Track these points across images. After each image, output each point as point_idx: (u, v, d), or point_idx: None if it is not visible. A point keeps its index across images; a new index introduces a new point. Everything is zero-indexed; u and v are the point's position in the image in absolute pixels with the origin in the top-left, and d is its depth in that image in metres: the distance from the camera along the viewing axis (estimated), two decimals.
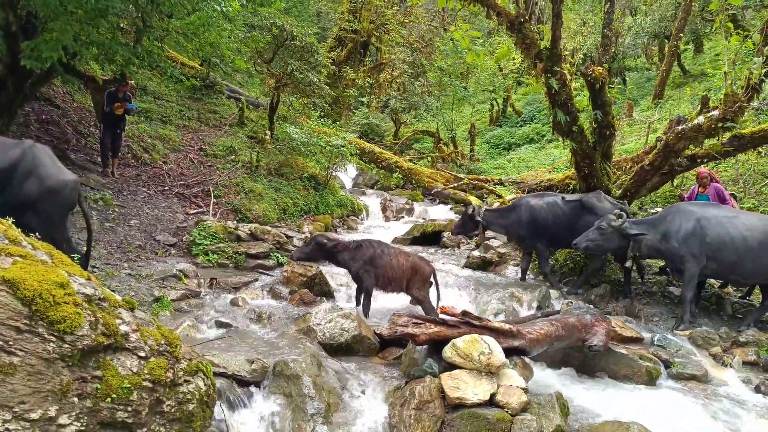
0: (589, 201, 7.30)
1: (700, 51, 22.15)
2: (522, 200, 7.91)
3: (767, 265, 6.09)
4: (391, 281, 5.99)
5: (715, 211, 6.36)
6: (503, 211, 8.05)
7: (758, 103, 7.37)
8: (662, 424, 4.06)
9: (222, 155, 10.72)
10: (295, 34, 11.06)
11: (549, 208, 7.49)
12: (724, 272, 6.39)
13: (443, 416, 3.80)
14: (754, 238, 6.06)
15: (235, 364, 3.92)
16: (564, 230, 7.28)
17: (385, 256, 5.96)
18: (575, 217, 7.28)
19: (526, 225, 7.53)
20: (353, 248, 5.96)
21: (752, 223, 6.19)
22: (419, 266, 6.15)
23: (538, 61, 6.59)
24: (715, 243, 6.11)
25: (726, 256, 6.11)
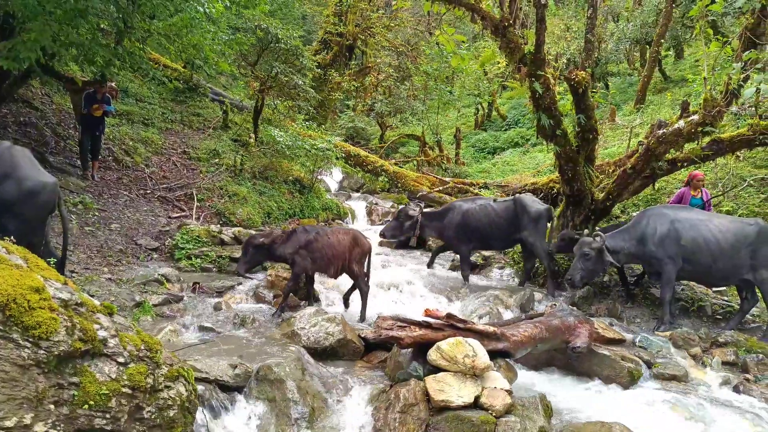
0: (521, 202, 7.57)
1: (680, 57, 22.55)
2: (455, 203, 8.05)
3: (739, 266, 6.23)
4: (332, 260, 5.97)
5: (688, 214, 6.49)
6: (437, 214, 8.04)
7: (737, 109, 7.53)
8: (643, 424, 4.10)
9: (205, 158, 10.62)
10: (280, 37, 11.01)
11: (481, 210, 7.66)
12: (699, 274, 6.50)
13: (428, 419, 3.80)
14: (727, 240, 6.19)
15: (218, 369, 3.86)
16: (497, 231, 7.58)
17: (321, 238, 5.94)
18: (508, 218, 7.55)
19: (458, 228, 7.61)
20: (287, 237, 5.91)
21: (725, 226, 6.32)
22: (359, 239, 6.19)
23: (522, 65, 6.65)
24: (689, 245, 6.23)
25: (700, 258, 6.23)
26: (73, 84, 8.64)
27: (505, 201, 7.81)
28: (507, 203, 7.71)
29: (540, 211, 7.49)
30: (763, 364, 5.52)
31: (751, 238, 6.24)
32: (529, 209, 7.48)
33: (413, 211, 7.78)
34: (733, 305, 7.02)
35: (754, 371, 5.44)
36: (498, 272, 8.50)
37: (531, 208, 7.50)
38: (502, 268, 8.54)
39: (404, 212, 7.84)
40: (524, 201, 7.62)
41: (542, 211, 7.50)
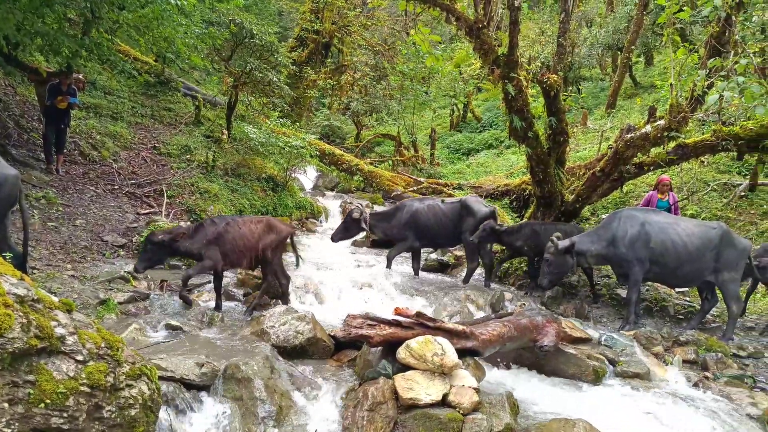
0: (468, 202, 7.81)
1: (650, 63, 23.13)
2: (403, 203, 8.16)
3: (703, 269, 6.43)
4: (244, 251, 5.70)
5: (657, 217, 6.65)
6: (385, 214, 8.17)
7: (702, 115, 7.76)
8: (606, 421, 4.18)
9: (176, 154, 10.43)
10: (254, 33, 10.89)
11: (429, 210, 7.84)
12: (665, 276, 6.67)
13: (396, 417, 3.81)
14: (693, 244, 6.38)
15: (184, 368, 3.79)
16: (445, 230, 7.79)
17: (231, 229, 5.65)
18: (455, 218, 7.76)
19: (406, 227, 7.74)
20: (193, 231, 5.58)
21: (691, 230, 6.51)
22: (274, 225, 5.97)
23: (496, 67, 6.72)
24: (658, 248, 6.39)
25: (668, 261, 6.40)
26: (38, 75, 8.37)
27: (452, 202, 8.05)
28: (454, 204, 7.95)
29: (486, 213, 7.78)
30: (721, 363, 5.71)
31: (714, 241, 6.44)
32: (474, 211, 7.75)
33: (357, 213, 7.80)
34: (695, 305, 7.24)
35: (713, 369, 5.61)
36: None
37: (476, 210, 7.78)
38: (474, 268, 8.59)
39: (351, 215, 7.86)
40: (470, 203, 7.90)
41: (487, 213, 7.80)
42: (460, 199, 8.08)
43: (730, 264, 6.40)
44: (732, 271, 6.42)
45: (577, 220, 9.99)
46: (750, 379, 5.47)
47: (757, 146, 6.58)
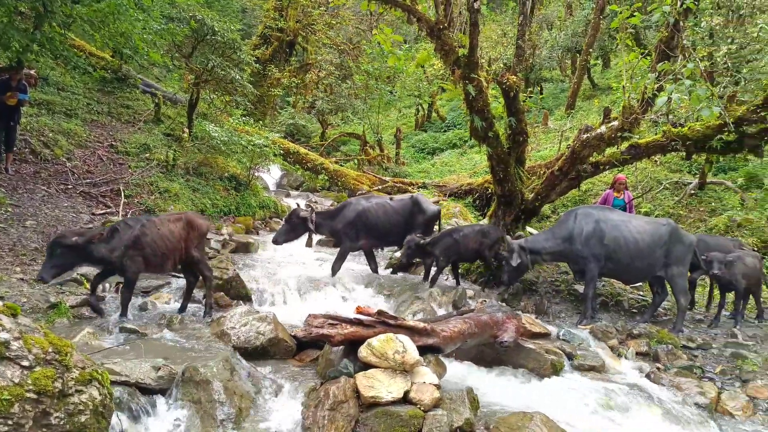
0: (419, 200, 7.93)
1: (607, 66, 23.85)
2: (349, 201, 8.08)
3: (654, 264, 6.70)
4: (167, 254, 5.33)
5: (611, 215, 6.88)
6: (331, 213, 7.99)
7: (654, 116, 8.05)
8: (563, 412, 4.32)
9: (135, 153, 10.16)
10: (216, 29, 10.70)
11: (379, 207, 7.82)
12: (619, 272, 6.92)
13: (357, 415, 3.82)
14: (644, 241, 6.63)
15: (139, 372, 3.71)
16: (396, 228, 7.80)
17: (149, 231, 5.21)
18: (405, 216, 7.81)
19: (353, 225, 7.63)
20: (108, 235, 5.01)
21: (643, 227, 6.77)
22: (194, 222, 5.63)
23: (457, 67, 6.80)
24: (611, 245, 6.62)
25: (621, 257, 6.63)
26: None
27: (402, 200, 8.07)
28: (404, 202, 7.98)
29: (434, 212, 7.96)
30: (672, 354, 5.95)
31: (665, 238, 6.71)
32: (425, 209, 7.87)
33: (305, 211, 7.57)
34: (648, 300, 7.53)
35: (664, 361, 5.85)
36: (432, 269, 8.63)
37: (427, 208, 7.91)
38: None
39: (296, 213, 7.56)
40: (421, 201, 7.99)
41: (436, 212, 7.99)
42: (411, 197, 8.11)
43: (678, 259, 6.69)
44: (680, 266, 6.71)
45: (537, 218, 10.24)
46: (698, 369, 5.72)
47: (704, 147, 6.88)
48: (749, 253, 7.30)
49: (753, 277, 6.96)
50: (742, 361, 5.84)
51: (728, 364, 5.89)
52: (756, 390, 5.34)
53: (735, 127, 6.46)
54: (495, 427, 3.94)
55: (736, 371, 5.72)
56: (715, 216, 10.69)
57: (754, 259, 7.05)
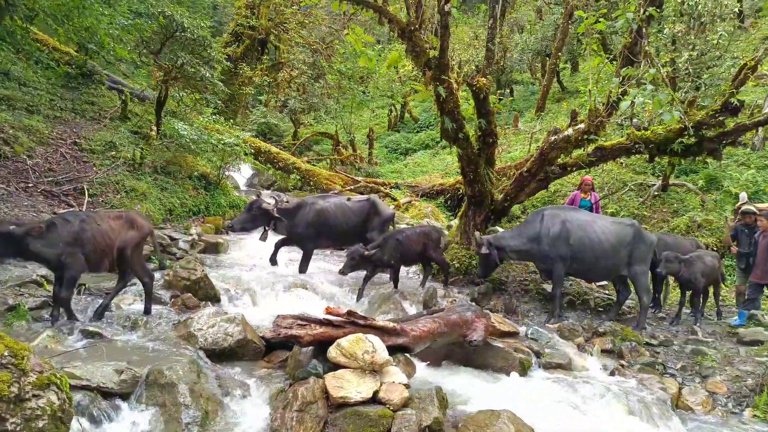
0: (376, 202, 8.02)
1: (576, 70, 24.35)
2: (306, 200, 7.98)
3: (618, 263, 6.88)
4: (106, 251, 5.01)
5: (577, 216, 7.04)
6: (287, 211, 7.71)
7: (619, 119, 8.27)
8: (530, 410, 4.38)
9: (100, 151, 9.87)
10: (186, 26, 10.48)
11: (337, 208, 7.84)
12: (584, 271, 7.08)
13: (326, 416, 3.81)
14: (609, 241, 6.81)
15: (101, 375, 3.63)
16: (353, 230, 7.86)
17: (89, 227, 4.88)
18: (362, 217, 7.87)
19: (310, 225, 7.56)
20: (46, 230, 4.64)
21: (608, 227, 6.94)
22: (136, 221, 5.34)
23: (428, 69, 6.85)
24: (577, 245, 6.77)
25: (587, 257, 6.79)
26: None
27: (359, 201, 8.10)
28: (362, 203, 8.01)
29: (390, 215, 8.08)
30: (635, 351, 6.12)
31: (628, 238, 6.89)
32: (381, 211, 7.96)
33: (268, 204, 7.32)
34: (613, 298, 7.71)
35: (628, 357, 6.01)
36: (404, 269, 8.67)
37: (383, 210, 8.00)
38: (409, 266, 8.72)
39: (257, 204, 7.32)
40: (377, 203, 8.07)
41: (391, 215, 8.11)
42: (368, 198, 8.16)
43: (640, 258, 6.89)
44: (643, 265, 6.91)
45: (507, 218, 10.39)
46: (660, 365, 5.91)
47: (666, 149, 7.10)
48: (708, 253, 7.56)
49: (711, 276, 7.22)
50: (701, 358, 6.05)
51: (689, 360, 6.09)
52: (715, 385, 5.54)
53: (695, 131, 6.69)
54: (463, 426, 3.98)
55: (696, 367, 5.93)
56: (678, 217, 11.03)
57: (713, 259, 7.30)
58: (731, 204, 10.47)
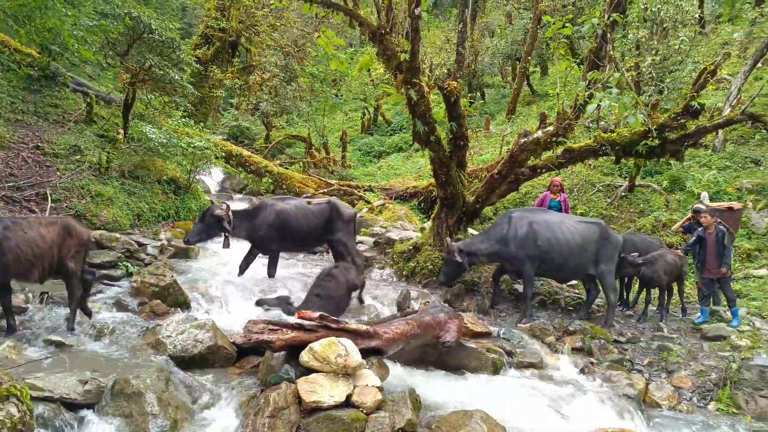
0: (337, 204, 8.00)
1: (545, 74, 24.79)
2: (266, 202, 7.84)
3: (585, 263, 7.02)
4: (35, 261, 4.67)
5: (545, 217, 7.17)
6: (247, 214, 7.68)
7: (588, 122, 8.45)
8: (502, 409, 4.44)
9: (64, 155, 9.60)
10: (153, 27, 10.29)
11: (298, 210, 7.74)
12: (553, 271, 7.20)
13: (299, 421, 3.78)
14: (576, 241, 6.95)
15: (64, 386, 3.53)
16: (315, 232, 7.78)
17: (13, 234, 4.54)
18: (324, 219, 7.81)
19: (271, 227, 7.44)
20: None
21: (574, 227, 7.09)
22: (72, 229, 5.00)
23: (399, 72, 6.87)
24: (545, 246, 6.89)
25: (554, 257, 6.91)
26: None
27: (320, 203, 8.05)
28: (322, 206, 7.94)
29: (351, 215, 8.05)
30: (604, 349, 6.25)
31: (595, 237, 7.05)
32: (343, 213, 7.91)
33: (220, 210, 7.17)
34: (583, 298, 7.85)
35: (597, 355, 6.14)
36: (378, 272, 8.69)
37: (345, 212, 7.96)
38: (383, 268, 8.75)
39: (210, 212, 7.12)
40: (338, 204, 8.02)
41: (353, 215, 8.09)
42: (329, 200, 8.11)
43: (607, 257, 7.05)
44: (609, 264, 7.07)
45: (479, 220, 10.49)
46: (628, 362, 6.05)
47: (631, 151, 7.29)
48: (670, 251, 7.78)
49: (674, 274, 7.42)
50: (667, 354, 6.21)
51: (655, 356, 6.25)
52: (680, 380, 5.70)
53: (658, 133, 6.88)
54: (437, 427, 4.00)
55: (662, 363, 6.09)
56: (644, 216, 11.31)
57: (674, 257, 7.51)
58: (693, 204, 10.80)
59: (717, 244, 7.08)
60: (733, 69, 14.92)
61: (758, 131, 11.83)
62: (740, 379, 5.47)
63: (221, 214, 7.07)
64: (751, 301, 8.11)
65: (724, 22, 18.66)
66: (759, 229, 9.92)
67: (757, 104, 12.54)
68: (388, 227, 10.79)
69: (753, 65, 12.04)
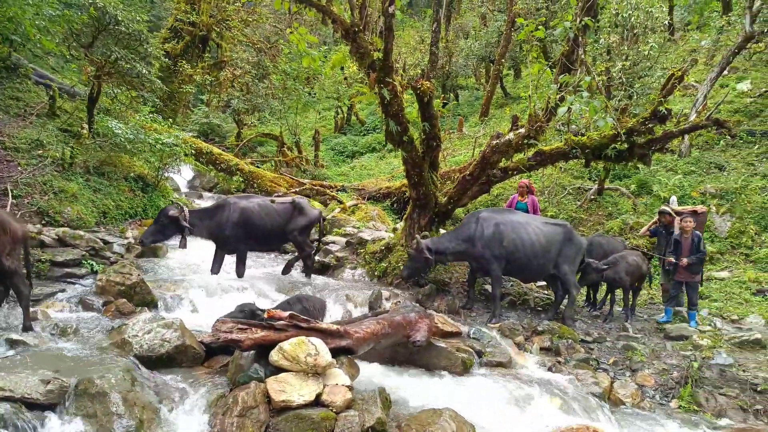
0: (300, 204, 8.00)
1: (519, 76, 25.15)
2: (227, 200, 7.76)
3: (549, 263, 7.16)
4: None
5: (511, 218, 7.29)
6: (207, 212, 7.59)
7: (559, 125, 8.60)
8: (471, 407, 4.48)
9: (26, 149, 9.26)
10: (120, 19, 10.01)
11: (262, 209, 7.71)
12: (518, 271, 7.34)
13: (268, 420, 3.74)
14: (540, 242, 7.09)
15: (26, 386, 3.41)
16: (279, 231, 7.75)
17: None
18: (287, 217, 7.81)
19: (235, 225, 7.38)
20: None
21: (539, 228, 7.22)
22: (7, 225, 4.69)
23: (372, 71, 6.86)
24: (510, 246, 7.01)
25: (520, 257, 7.04)
26: None
27: (283, 203, 8.00)
28: (286, 205, 7.91)
29: (316, 215, 8.06)
30: (571, 348, 6.38)
31: (559, 237, 7.19)
32: (307, 212, 7.92)
33: (174, 211, 7.06)
34: (551, 298, 7.99)
35: (564, 354, 6.25)
36: (350, 272, 8.67)
37: (308, 211, 7.97)
38: (355, 268, 8.73)
39: (164, 213, 7.04)
40: (303, 204, 8.02)
41: (317, 215, 8.10)
42: (293, 200, 8.06)
43: (570, 259, 7.21)
44: (572, 265, 7.23)
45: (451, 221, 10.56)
46: (594, 361, 6.19)
47: (600, 155, 7.46)
48: (632, 253, 7.93)
49: (636, 274, 7.58)
50: (632, 353, 6.38)
51: (620, 355, 6.41)
52: (644, 378, 5.86)
53: (626, 137, 7.06)
54: (406, 425, 4.01)
55: (626, 362, 6.25)
56: (612, 219, 11.58)
57: (636, 258, 7.66)
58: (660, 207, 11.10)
59: (692, 249, 7.27)
60: (700, 76, 15.42)
61: (723, 137, 12.26)
62: (701, 378, 5.66)
63: (176, 215, 6.98)
64: (713, 303, 8.39)
65: (692, 30, 19.26)
66: (721, 232, 10.27)
67: (722, 111, 13.04)
68: (360, 227, 10.78)
69: (719, 72, 12.45)
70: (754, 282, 8.79)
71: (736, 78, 15.47)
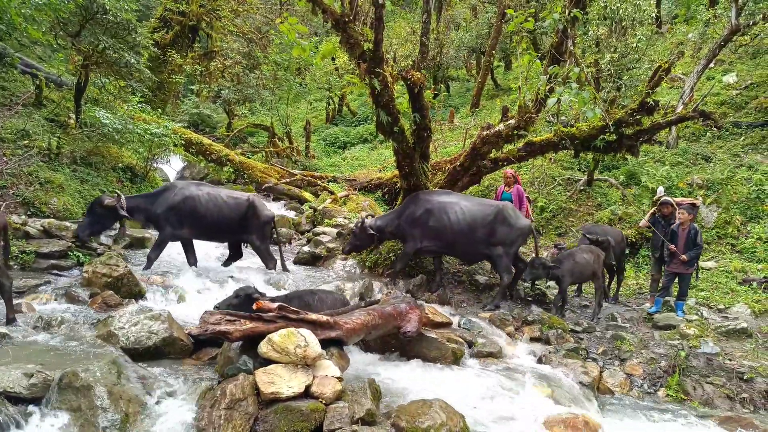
0: (254, 202, 7.69)
1: (509, 68, 25.09)
2: (175, 184, 7.46)
3: (477, 244, 7.21)
4: None
5: (445, 198, 7.42)
6: (148, 196, 7.29)
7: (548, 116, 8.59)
8: (461, 398, 4.49)
9: (11, 139, 9.13)
10: (108, 7, 9.84)
11: (210, 198, 7.32)
12: (448, 249, 7.54)
13: (256, 413, 3.72)
14: (466, 221, 7.13)
15: (8, 380, 3.38)
16: (228, 225, 7.39)
17: None
18: (240, 215, 7.45)
19: (170, 210, 7.05)
20: None
21: (468, 208, 7.25)
22: None
23: (362, 61, 6.80)
24: (436, 225, 7.23)
25: (446, 236, 7.22)
26: None
27: (237, 198, 7.60)
28: (240, 201, 7.53)
29: (269, 216, 7.77)
30: (561, 338, 6.41)
31: (489, 218, 7.16)
32: (260, 213, 7.60)
33: (110, 199, 6.80)
34: (542, 290, 8.02)
35: (554, 344, 6.29)
36: (341, 263, 8.66)
37: (262, 212, 7.64)
38: (346, 259, 8.71)
39: (99, 202, 6.77)
40: (257, 204, 7.67)
41: (271, 218, 7.81)
42: (248, 197, 7.66)
43: (503, 240, 7.18)
44: (507, 248, 7.21)
45: None
46: (584, 351, 6.22)
47: (589, 146, 7.47)
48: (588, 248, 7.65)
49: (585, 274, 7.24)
50: (620, 342, 6.42)
51: (609, 345, 6.46)
52: (632, 368, 5.91)
53: (615, 128, 7.07)
54: (396, 416, 4.00)
55: (615, 351, 6.29)
56: (601, 210, 11.63)
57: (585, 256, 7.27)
58: (648, 198, 11.16)
59: (688, 241, 7.27)
60: (687, 68, 15.47)
61: (709, 129, 12.31)
62: (688, 367, 5.72)
63: (112, 203, 6.71)
64: (700, 292, 8.46)
65: (679, 23, 19.29)
66: (708, 223, 10.34)
67: (709, 102, 13.08)
68: (351, 218, 10.75)
69: (705, 65, 12.49)
70: (740, 272, 8.87)
71: (722, 70, 15.53)
